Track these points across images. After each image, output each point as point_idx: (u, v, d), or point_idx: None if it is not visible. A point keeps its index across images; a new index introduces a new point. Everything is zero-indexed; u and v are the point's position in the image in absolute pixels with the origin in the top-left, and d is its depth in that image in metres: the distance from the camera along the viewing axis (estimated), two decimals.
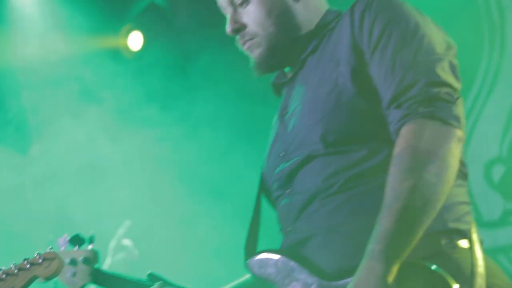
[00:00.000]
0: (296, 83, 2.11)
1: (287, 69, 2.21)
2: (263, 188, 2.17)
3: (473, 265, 1.72)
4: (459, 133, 1.73)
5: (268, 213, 2.19)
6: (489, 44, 4.85)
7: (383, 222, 1.61)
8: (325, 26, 2.12)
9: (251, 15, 2.10)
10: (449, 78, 1.79)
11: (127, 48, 5.41)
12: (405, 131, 1.72)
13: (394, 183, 1.66)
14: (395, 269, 1.60)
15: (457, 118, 1.73)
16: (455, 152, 1.70)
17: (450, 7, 4.76)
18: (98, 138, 5.04)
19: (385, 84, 1.82)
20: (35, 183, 5.05)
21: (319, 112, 1.93)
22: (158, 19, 5.36)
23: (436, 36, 1.87)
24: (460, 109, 1.76)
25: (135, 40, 5.39)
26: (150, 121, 5.08)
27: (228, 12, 2.15)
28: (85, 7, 4.95)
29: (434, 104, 1.72)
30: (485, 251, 1.81)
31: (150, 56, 5.26)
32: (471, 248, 1.77)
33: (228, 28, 2.13)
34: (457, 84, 1.81)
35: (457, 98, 1.78)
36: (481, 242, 1.83)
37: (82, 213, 4.82)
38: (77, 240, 2.25)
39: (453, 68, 1.83)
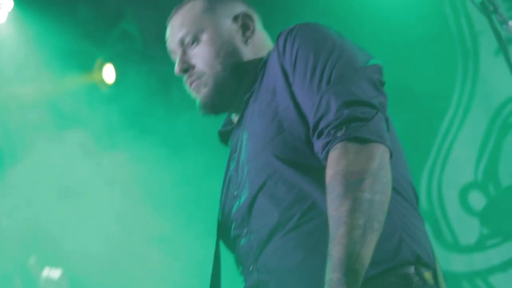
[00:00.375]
0: (241, 124, 2.11)
1: (233, 115, 2.22)
2: (221, 234, 2.14)
3: None
4: (381, 147, 1.70)
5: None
6: (462, 68, 4.90)
7: (334, 252, 1.59)
8: (264, 66, 2.13)
9: (199, 56, 2.13)
10: (366, 95, 1.77)
11: (102, 81, 5.42)
12: (330, 159, 1.70)
13: (332, 212, 1.64)
14: None
15: (377, 133, 1.71)
16: (383, 165, 1.68)
17: (423, 33, 4.83)
18: (76, 161, 5.02)
19: (307, 109, 1.83)
20: (11, 208, 5.02)
21: (262, 142, 1.92)
22: (130, 49, 5.38)
23: (354, 55, 1.87)
24: (379, 123, 1.74)
25: (109, 73, 5.39)
26: (129, 144, 5.08)
27: (177, 55, 2.18)
28: (57, 45, 4.98)
29: (351, 126, 1.70)
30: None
31: (128, 83, 5.28)
32: (437, 283, 1.76)
33: (176, 68, 2.15)
34: (375, 100, 1.78)
35: (376, 114, 1.75)
36: (443, 276, 1.82)
37: (60, 235, 4.80)
38: None
39: (373, 83, 1.81)
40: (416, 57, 4.87)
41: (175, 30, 2.19)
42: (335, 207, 1.63)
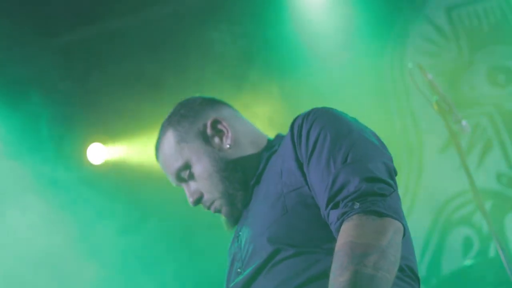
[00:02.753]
0: (247, 206, 2.15)
1: None
2: None
3: None
4: (396, 224, 1.71)
5: None
6: (407, 165, 5.00)
7: None
8: (269, 149, 2.20)
9: (201, 188, 2.22)
10: (383, 175, 1.80)
11: None
12: (343, 229, 1.71)
13: (331, 280, 1.63)
14: None
15: (393, 210, 1.73)
16: (393, 243, 1.68)
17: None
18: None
19: (322, 187, 1.82)
20: None
21: (267, 222, 1.94)
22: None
23: (371, 141, 1.90)
24: (396, 201, 1.77)
25: None
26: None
27: (182, 186, 2.28)
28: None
29: (369, 199, 1.72)
30: None
31: None
32: None
33: (190, 201, 2.26)
34: (392, 182, 1.81)
35: (392, 192, 1.78)
36: None
37: None
38: None
39: (388, 168, 1.84)
40: None
41: (167, 170, 2.28)
42: (335, 277, 1.62)
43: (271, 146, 2.21)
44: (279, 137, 2.25)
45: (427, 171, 4.98)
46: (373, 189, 1.74)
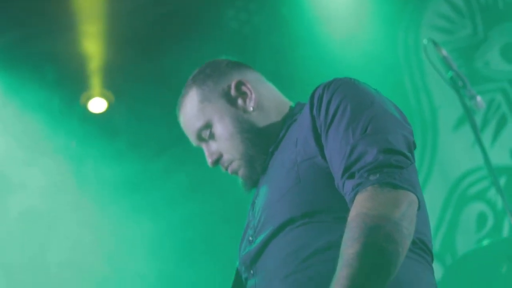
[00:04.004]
0: (265, 174, 2.14)
1: None
2: (237, 278, 2.13)
3: None
4: (412, 196, 1.68)
5: None
6: (421, 142, 5.01)
7: None
8: (290, 117, 2.17)
9: (221, 147, 2.20)
10: (401, 147, 1.77)
11: None
12: (357, 200, 1.68)
13: (342, 251, 1.60)
14: None
15: (409, 182, 1.70)
16: (407, 216, 1.64)
17: None
18: None
19: (339, 156, 1.80)
20: None
21: (280, 191, 1.94)
22: None
23: (392, 112, 1.88)
24: (412, 174, 1.74)
25: None
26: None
27: (201, 146, 2.26)
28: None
29: (384, 171, 1.70)
30: None
31: None
32: None
33: (209, 161, 2.24)
34: (410, 155, 1.78)
35: (410, 164, 1.75)
36: None
37: None
38: None
39: (407, 141, 1.82)
40: None
41: (188, 130, 2.28)
42: (345, 248, 1.59)
43: (293, 114, 2.19)
44: (299, 105, 2.23)
45: (441, 147, 4.98)
46: (390, 161, 1.71)
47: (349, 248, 1.59)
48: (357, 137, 1.79)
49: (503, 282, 3.82)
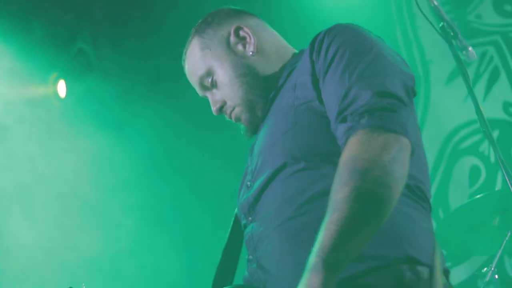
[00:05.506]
0: (265, 120, 2.13)
1: None
2: (237, 223, 2.16)
3: None
4: (403, 140, 1.65)
5: None
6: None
7: (320, 236, 1.53)
8: (292, 63, 2.14)
9: (223, 94, 2.19)
10: (397, 91, 1.74)
11: (56, 95, 5.34)
12: (348, 144, 1.67)
13: (332, 196, 1.59)
14: (332, 283, 1.50)
15: (401, 125, 1.67)
16: (397, 159, 1.62)
17: None
18: None
19: (334, 100, 1.79)
20: None
21: (276, 134, 1.93)
22: (84, 66, 5.35)
23: (391, 58, 1.85)
24: (406, 117, 1.70)
25: (62, 88, 5.33)
26: None
27: (207, 96, 2.26)
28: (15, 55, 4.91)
29: (376, 114, 1.68)
30: None
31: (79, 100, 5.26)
32: (431, 279, 1.67)
33: (213, 110, 2.24)
34: (406, 99, 1.76)
35: (403, 107, 1.72)
36: (447, 273, 1.78)
37: None
38: None
39: (404, 85, 1.79)
40: None
41: (192, 79, 2.28)
42: (335, 192, 1.58)
43: (295, 61, 2.15)
44: (302, 52, 2.18)
45: (434, 102, 4.96)
46: (382, 103, 1.69)
47: (338, 192, 1.57)
48: (352, 81, 1.77)
49: (495, 234, 3.84)
